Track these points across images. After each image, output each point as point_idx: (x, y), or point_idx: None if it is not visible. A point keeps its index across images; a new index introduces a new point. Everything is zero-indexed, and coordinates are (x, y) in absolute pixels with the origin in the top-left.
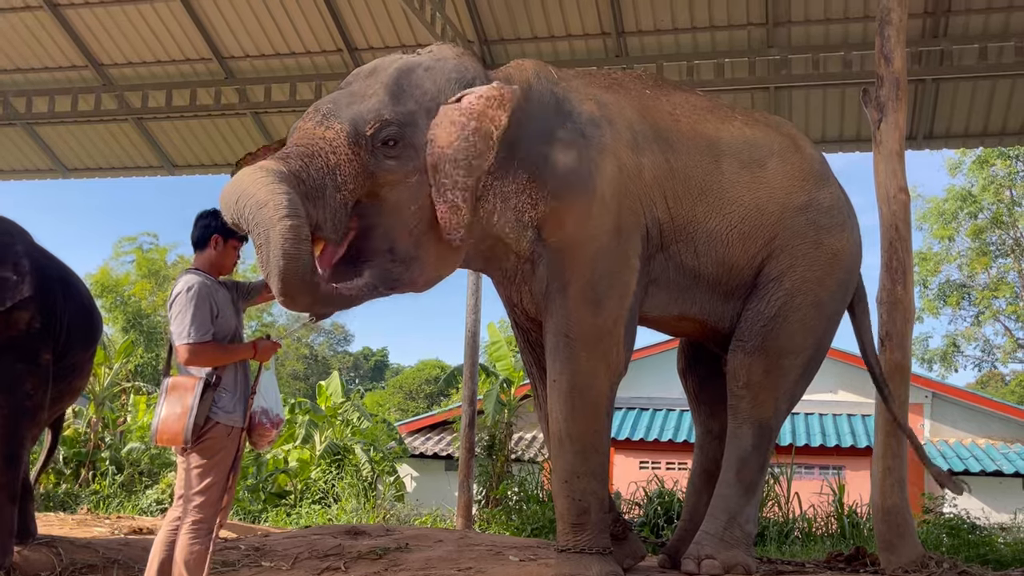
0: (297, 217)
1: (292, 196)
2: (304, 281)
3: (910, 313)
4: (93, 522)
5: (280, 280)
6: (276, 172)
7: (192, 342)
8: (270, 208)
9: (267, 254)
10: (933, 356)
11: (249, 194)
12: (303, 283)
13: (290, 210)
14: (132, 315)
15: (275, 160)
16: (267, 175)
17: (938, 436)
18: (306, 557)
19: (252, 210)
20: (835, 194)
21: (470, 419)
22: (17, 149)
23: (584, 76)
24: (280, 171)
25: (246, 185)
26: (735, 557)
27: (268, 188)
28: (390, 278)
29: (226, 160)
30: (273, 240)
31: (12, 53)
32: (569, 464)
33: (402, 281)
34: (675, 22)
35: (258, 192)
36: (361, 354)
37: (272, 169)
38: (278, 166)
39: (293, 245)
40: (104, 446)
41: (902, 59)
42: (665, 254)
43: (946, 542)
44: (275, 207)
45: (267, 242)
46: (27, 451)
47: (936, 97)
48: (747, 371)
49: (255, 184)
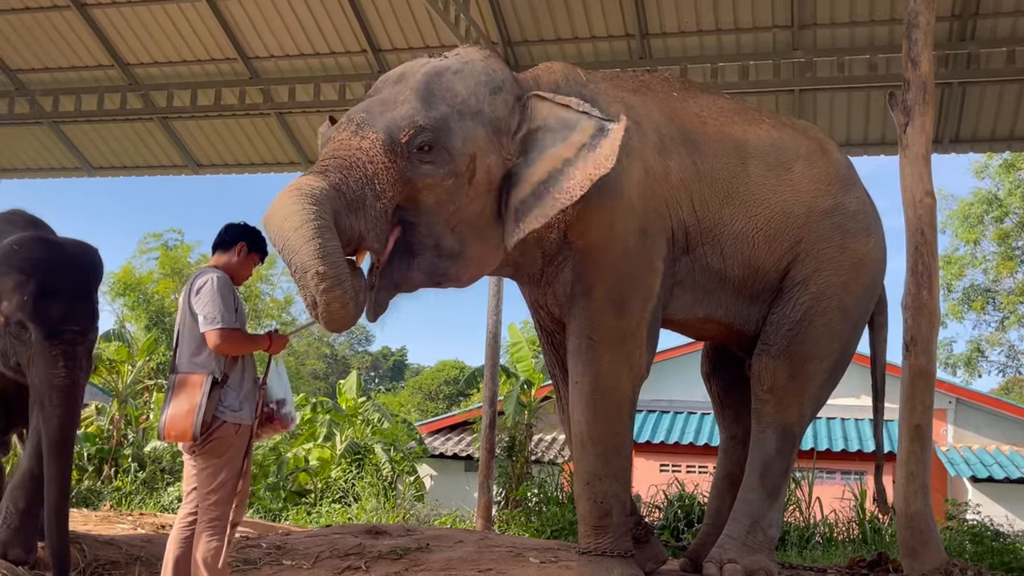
0: (330, 262)
1: (325, 236)
2: (349, 312)
3: (935, 318)
4: (116, 519)
5: (328, 320)
6: (313, 197)
7: (222, 327)
8: (304, 254)
9: (310, 299)
10: (957, 361)
11: (286, 235)
12: (349, 314)
13: (323, 253)
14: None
15: (314, 176)
16: (303, 206)
17: (961, 442)
18: (327, 556)
19: (289, 254)
20: (861, 199)
21: (491, 420)
22: (44, 148)
23: (612, 79)
24: (318, 192)
25: (283, 221)
26: (757, 562)
27: (302, 231)
28: (437, 272)
29: (250, 160)
30: (313, 287)
31: (39, 52)
32: (591, 466)
33: (448, 275)
34: (699, 24)
35: (293, 235)
36: (380, 354)
37: (309, 193)
38: (317, 184)
39: (332, 285)
40: (126, 443)
41: (929, 63)
42: (691, 256)
43: (969, 549)
44: (309, 253)
45: (306, 287)
46: None
47: (963, 101)
48: (772, 375)
49: (291, 221)
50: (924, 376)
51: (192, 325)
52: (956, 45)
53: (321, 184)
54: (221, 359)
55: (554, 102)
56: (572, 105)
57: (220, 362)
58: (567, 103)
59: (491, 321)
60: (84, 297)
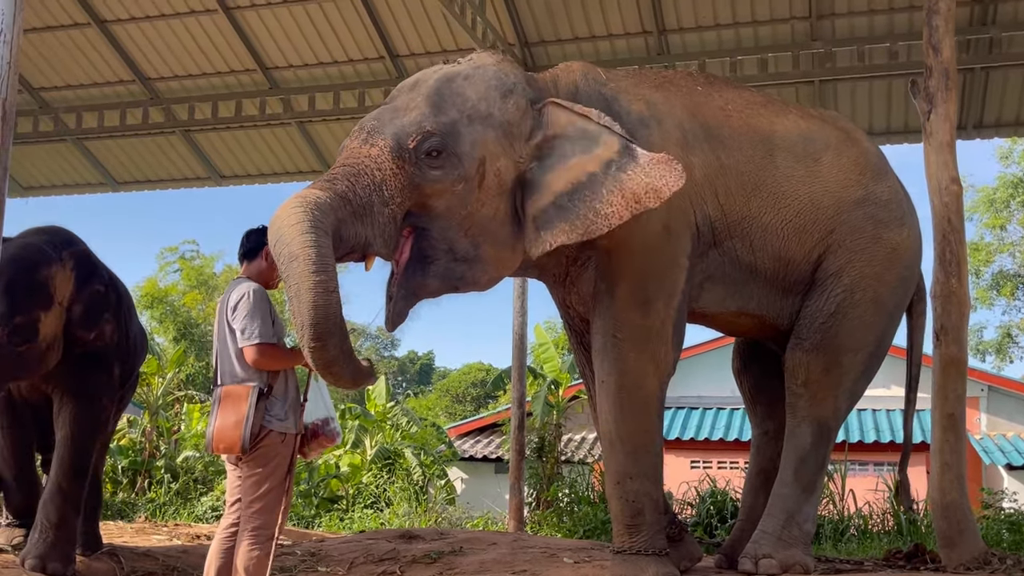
0: (325, 272)
1: (322, 247)
2: (332, 330)
3: (965, 306)
4: (151, 530)
5: (312, 328)
6: (315, 208)
7: (260, 342)
8: (300, 263)
9: (297, 306)
10: (987, 347)
11: (284, 243)
12: (332, 332)
13: (318, 265)
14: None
15: (320, 186)
16: (303, 217)
17: (995, 430)
18: (362, 562)
19: (285, 262)
20: (893, 188)
21: (519, 421)
22: (68, 164)
23: (633, 76)
24: (321, 203)
25: (284, 229)
26: (793, 556)
27: (300, 240)
28: (453, 276)
29: (272, 169)
30: (303, 295)
31: (62, 70)
32: (621, 465)
33: (465, 279)
34: (717, 18)
35: (291, 243)
36: (407, 358)
37: (311, 204)
38: (322, 195)
39: (322, 297)
40: (159, 455)
41: (951, 48)
42: (719, 250)
43: (1007, 538)
44: (304, 261)
45: (297, 296)
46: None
47: (986, 86)
48: (806, 369)
49: (290, 231)
50: (955, 364)
51: (231, 339)
52: (977, 30)
53: (325, 194)
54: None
55: (573, 111)
56: (592, 117)
57: (263, 373)
58: (587, 113)
59: (517, 322)
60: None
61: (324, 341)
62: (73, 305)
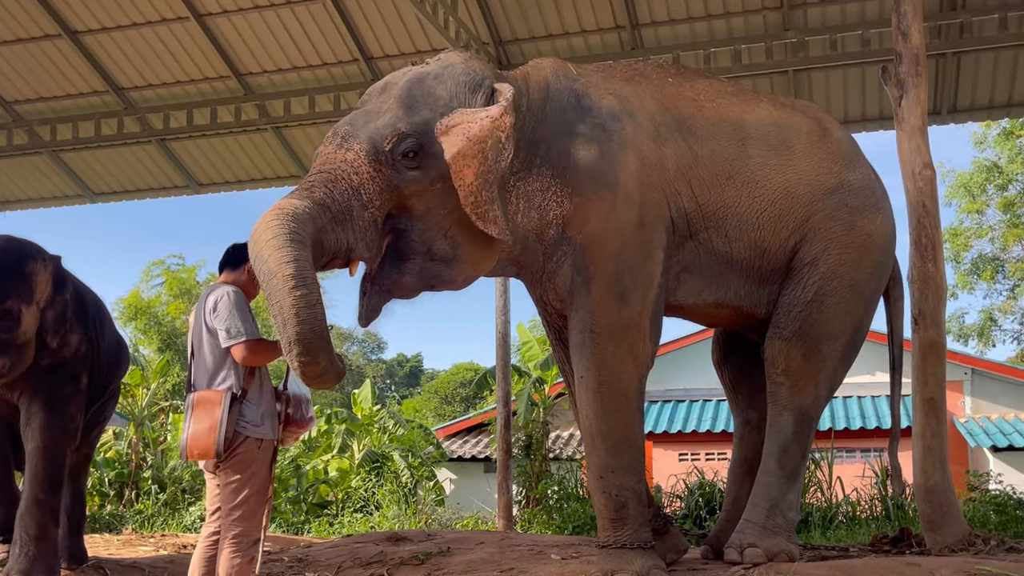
0: (305, 286)
1: (300, 261)
2: (319, 343)
3: (942, 290)
4: (138, 542)
5: (299, 343)
6: (292, 220)
7: (247, 339)
8: (279, 280)
9: (281, 322)
10: (970, 332)
11: (263, 260)
12: (319, 344)
13: (297, 280)
14: (166, 335)
15: (298, 195)
16: (280, 232)
17: (980, 413)
18: (349, 566)
19: (265, 279)
20: (866, 175)
21: (505, 420)
22: (44, 177)
23: (604, 70)
24: (299, 214)
25: (261, 245)
26: (778, 545)
27: (278, 256)
28: (429, 275)
29: (250, 176)
30: (286, 311)
31: (34, 82)
32: (602, 460)
33: (441, 279)
34: (689, 11)
35: (269, 259)
36: (395, 361)
37: (289, 216)
38: (299, 204)
39: (305, 311)
40: (146, 466)
41: (920, 34)
42: (695, 241)
43: (993, 519)
44: (283, 278)
45: (280, 312)
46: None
47: (958, 70)
48: (786, 358)
49: (267, 247)
50: (934, 348)
51: (210, 342)
52: (947, 15)
53: (303, 203)
54: (240, 375)
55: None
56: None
57: (238, 378)
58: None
59: (500, 321)
60: None
61: (314, 355)
62: (47, 309)
